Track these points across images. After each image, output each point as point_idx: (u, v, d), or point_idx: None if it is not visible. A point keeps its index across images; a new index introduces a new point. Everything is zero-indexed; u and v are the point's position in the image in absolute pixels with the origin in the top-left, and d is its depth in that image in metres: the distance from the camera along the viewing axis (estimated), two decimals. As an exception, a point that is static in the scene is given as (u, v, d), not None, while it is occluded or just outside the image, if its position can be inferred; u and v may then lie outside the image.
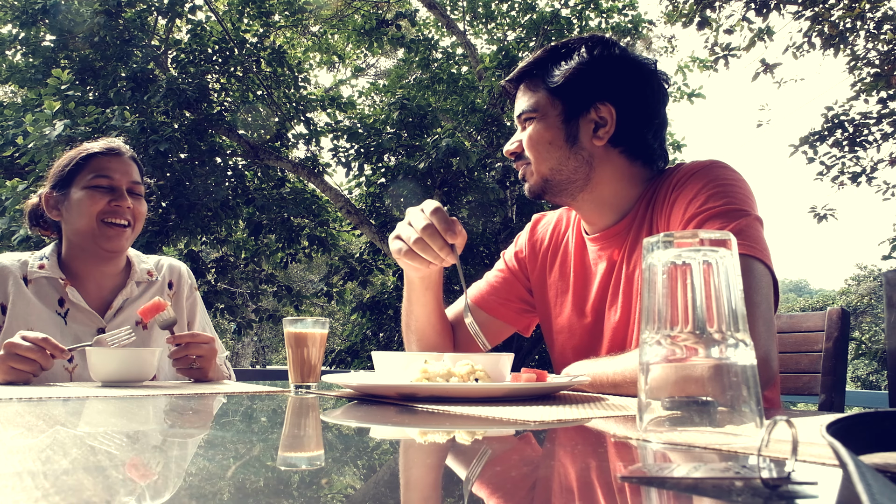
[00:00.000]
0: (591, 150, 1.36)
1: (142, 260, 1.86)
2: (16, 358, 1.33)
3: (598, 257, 1.43)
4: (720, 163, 1.30)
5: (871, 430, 0.52)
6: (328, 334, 1.33)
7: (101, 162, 1.70)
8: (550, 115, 1.37)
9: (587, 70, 1.35)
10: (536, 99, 1.38)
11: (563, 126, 1.36)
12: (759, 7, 7.04)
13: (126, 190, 1.71)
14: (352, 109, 9.52)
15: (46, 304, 1.65)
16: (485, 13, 11.11)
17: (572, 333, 1.46)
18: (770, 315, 1.12)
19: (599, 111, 1.34)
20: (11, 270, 1.66)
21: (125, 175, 1.72)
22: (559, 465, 0.58)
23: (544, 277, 1.55)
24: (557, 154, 1.36)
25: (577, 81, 1.35)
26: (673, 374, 0.62)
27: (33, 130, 5.98)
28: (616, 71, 1.36)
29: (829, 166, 8.00)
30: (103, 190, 1.68)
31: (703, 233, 0.64)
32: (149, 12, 8.13)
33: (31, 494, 0.40)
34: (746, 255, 1.13)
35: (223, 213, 7.78)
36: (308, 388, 1.27)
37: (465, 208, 9.34)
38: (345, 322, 14.92)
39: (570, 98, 1.36)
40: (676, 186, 1.28)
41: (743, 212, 1.19)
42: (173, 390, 1.25)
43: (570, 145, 1.36)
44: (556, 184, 1.38)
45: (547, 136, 1.36)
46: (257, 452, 0.63)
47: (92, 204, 1.66)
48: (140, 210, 1.73)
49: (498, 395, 1.04)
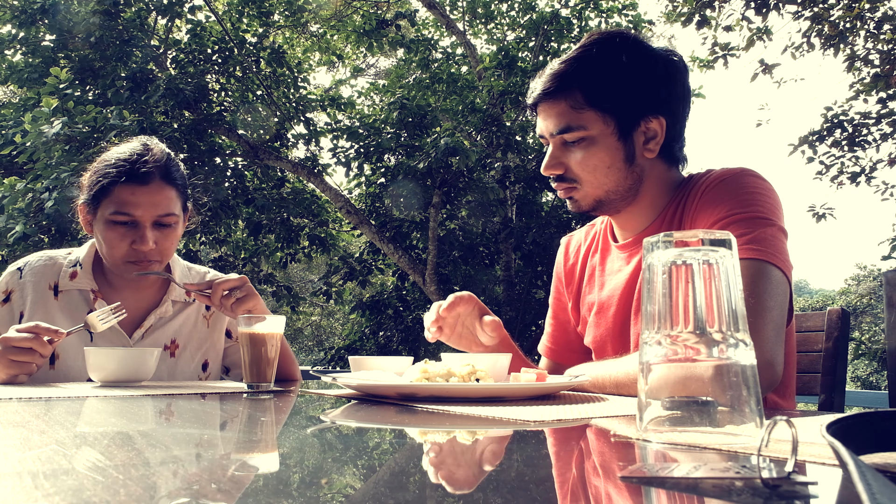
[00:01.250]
0: (643, 163, 1.31)
1: (185, 275, 1.72)
2: (13, 350, 1.30)
3: (625, 263, 1.39)
4: (750, 171, 1.27)
5: (871, 430, 0.52)
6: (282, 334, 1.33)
7: (123, 193, 1.49)
8: (605, 135, 1.27)
9: (635, 81, 1.27)
10: (584, 117, 1.27)
11: (622, 146, 1.28)
12: (759, 6, 7.04)
13: (153, 223, 1.52)
14: (351, 109, 9.53)
15: (74, 318, 1.55)
16: (484, 13, 11.11)
17: (602, 343, 1.42)
18: (782, 322, 1.11)
19: (650, 123, 1.28)
20: (34, 281, 1.58)
21: (151, 208, 1.50)
22: (559, 465, 0.58)
23: (580, 294, 1.53)
24: (616, 176, 1.29)
25: (629, 95, 1.26)
26: (673, 374, 0.62)
27: (31, 129, 5.98)
28: (661, 77, 1.29)
29: (829, 166, 8.00)
30: (124, 228, 1.50)
31: (703, 233, 0.64)
32: (148, 12, 8.13)
33: (31, 494, 0.40)
34: (765, 261, 1.12)
35: (223, 213, 7.78)
36: (259, 387, 1.27)
37: (464, 208, 9.35)
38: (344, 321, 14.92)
39: (622, 114, 1.27)
40: (705, 192, 1.26)
41: (768, 220, 1.17)
42: (173, 390, 1.25)
43: (627, 165, 1.29)
44: (608, 202, 1.33)
45: (606, 161, 1.28)
46: (257, 452, 0.63)
47: (112, 246, 1.51)
48: (166, 245, 1.55)
49: (498, 395, 1.04)
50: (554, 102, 1.29)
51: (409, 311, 9.44)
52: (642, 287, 0.67)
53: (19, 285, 1.59)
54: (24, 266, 1.62)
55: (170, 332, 1.65)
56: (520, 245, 8.48)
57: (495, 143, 8.40)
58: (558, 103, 1.29)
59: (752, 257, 1.12)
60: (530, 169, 8.30)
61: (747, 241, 1.14)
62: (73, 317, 1.56)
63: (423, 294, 8.72)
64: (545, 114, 1.32)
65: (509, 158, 8.60)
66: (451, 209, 9.12)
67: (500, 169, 8.37)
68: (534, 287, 8.75)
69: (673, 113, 1.30)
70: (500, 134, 8.35)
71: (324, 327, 18.32)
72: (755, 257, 1.12)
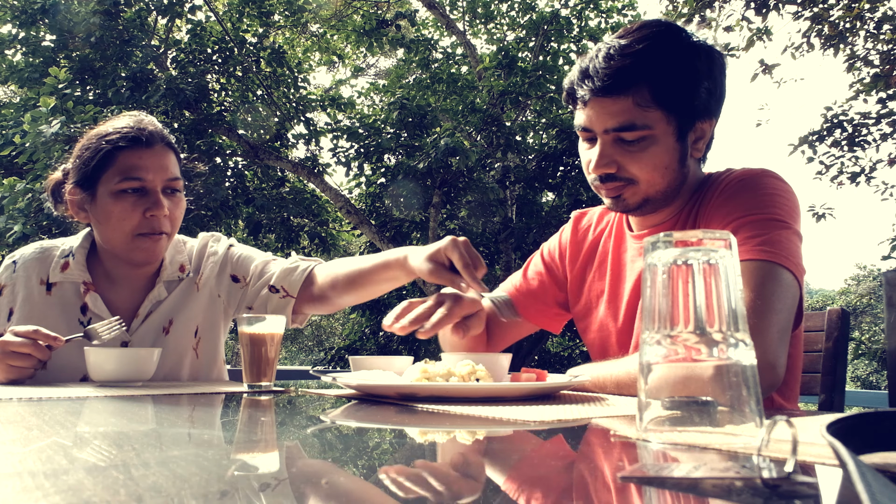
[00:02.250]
0: (691, 164, 1.29)
1: (178, 250, 1.64)
2: (11, 355, 1.29)
3: (638, 255, 1.37)
4: (771, 172, 1.26)
5: (871, 430, 0.52)
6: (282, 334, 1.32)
7: (129, 158, 1.43)
8: (667, 135, 1.23)
9: (700, 83, 1.22)
10: (649, 116, 1.20)
11: (679, 147, 1.25)
12: (759, 7, 7.04)
13: (162, 189, 1.46)
14: (351, 109, 9.53)
15: (68, 312, 1.50)
16: (484, 13, 11.11)
17: (607, 335, 1.41)
18: (787, 325, 1.10)
19: (703, 123, 1.26)
20: (25, 276, 1.54)
21: (161, 171, 1.45)
22: (559, 464, 0.58)
23: (584, 276, 1.49)
24: (671, 177, 1.26)
25: (693, 97, 1.22)
26: (673, 373, 0.62)
27: (31, 129, 5.98)
28: (718, 80, 1.26)
29: (829, 166, 8.00)
30: (135, 196, 1.44)
31: (703, 233, 0.64)
32: (148, 12, 8.13)
33: (31, 494, 0.40)
34: (776, 263, 1.11)
35: (223, 213, 7.78)
36: (261, 388, 1.27)
37: (464, 208, 9.35)
38: (344, 321, 14.92)
39: (684, 114, 1.23)
40: (723, 191, 1.25)
41: (783, 223, 1.16)
42: (173, 390, 1.25)
43: (681, 166, 1.27)
44: (655, 202, 1.28)
45: (665, 161, 1.24)
46: (257, 452, 0.63)
47: (123, 218, 1.43)
48: (177, 214, 1.50)
49: (498, 395, 1.04)
50: (615, 98, 1.20)
51: (409, 312, 9.43)
52: (642, 287, 0.67)
53: (12, 280, 1.56)
54: (19, 259, 1.58)
55: (165, 312, 1.59)
56: (520, 245, 8.48)
57: (495, 143, 8.40)
58: (621, 99, 1.20)
59: (763, 259, 1.11)
60: (530, 169, 8.30)
61: (760, 243, 1.13)
62: (66, 311, 1.51)
63: (423, 294, 8.72)
64: (600, 108, 1.22)
65: (509, 158, 8.60)
66: (451, 209, 9.12)
67: (500, 169, 8.38)
68: (534, 287, 8.72)
69: (719, 113, 1.28)
70: (500, 134, 8.35)
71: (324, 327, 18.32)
72: (766, 259, 1.11)
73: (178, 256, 1.64)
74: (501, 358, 1.17)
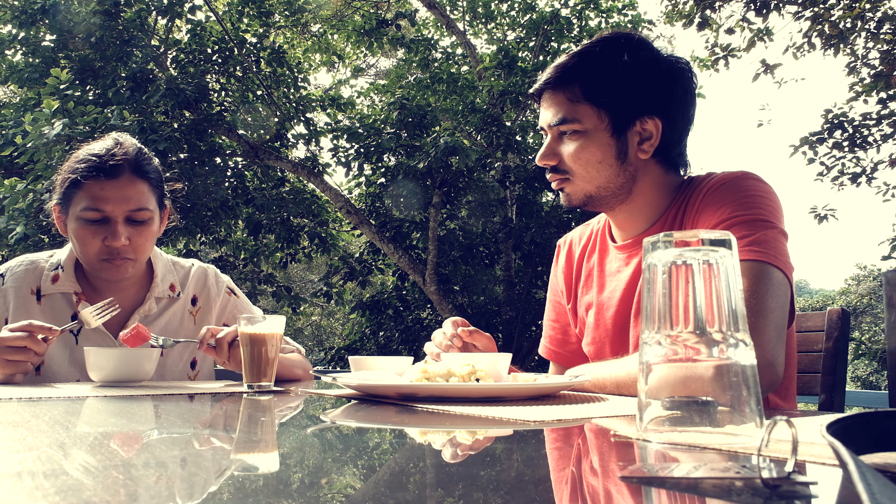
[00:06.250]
0: (636, 163, 1.32)
1: (168, 270, 1.68)
2: (7, 350, 1.30)
3: (624, 265, 1.39)
4: (751, 174, 1.28)
5: (871, 430, 0.52)
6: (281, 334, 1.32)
7: (91, 188, 1.45)
8: (599, 131, 1.29)
9: (634, 81, 1.28)
10: (579, 110, 1.30)
11: (614, 142, 1.30)
12: (759, 7, 7.04)
13: (125, 219, 1.48)
14: (351, 109, 9.52)
15: (58, 322, 1.52)
16: (484, 13, 11.10)
17: (601, 346, 1.42)
18: (783, 323, 1.11)
19: (646, 123, 1.30)
20: (16, 287, 1.56)
21: (122, 203, 1.47)
22: (559, 464, 0.58)
23: (578, 295, 1.53)
24: (607, 172, 1.31)
25: (625, 94, 1.28)
26: (673, 373, 0.62)
27: (32, 130, 5.98)
28: (661, 80, 1.30)
29: (830, 167, 7.99)
30: (95, 225, 1.47)
31: (703, 233, 0.64)
32: (148, 12, 8.13)
33: (31, 494, 0.40)
34: (767, 262, 1.12)
35: (223, 213, 7.78)
36: (261, 387, 1.27)
37: (465, 208, 9.34)
38: (344, 322, 14.92)
39: (618, 112, 1.29)
40: (706, 195, 1.27)
41: (769, 223, 1.18)
42: (173, 390, 1.25)
43: (619, 162, 1.31)
44: (599, 199, 1.34)
45: (597, 155, 1.30)
46: (257, 452, 0.63)
47: (85, 244, 1.48)
48: (140, 241, 1.52)
49: (498, 395, 1.04)
50: (554, 94, 1.33)
51: (409, 311, 9.44)
52: (642, 287, 0.67)
53: (1, 292, 1.58)
54: (6, 272, 1.60)
55: (156, 330, 1.61)
56: (520, 245, 8.48)
57: (495, 143, 8.40)
58: (558, 95, 1.32)
59: (753, 259, 1.13)
60: (530, 169, 8.29)
61: (749, 243, 1.14)
62: (58, 321, 1.53)
63: (423, 294, 8.72)
64: (546, 104, 1.35)
65: (509, 158, 8.60)
66: (451, 209, 9.12)
67: (500, 169, 8.37)
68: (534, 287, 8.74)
69: (671, 116, 1.31)
70: (500, 134, 8.34)
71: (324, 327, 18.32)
72: (757, 259, 1.13)
73: (168, 276, 1.67)
74: (501, 358, 1.17)
